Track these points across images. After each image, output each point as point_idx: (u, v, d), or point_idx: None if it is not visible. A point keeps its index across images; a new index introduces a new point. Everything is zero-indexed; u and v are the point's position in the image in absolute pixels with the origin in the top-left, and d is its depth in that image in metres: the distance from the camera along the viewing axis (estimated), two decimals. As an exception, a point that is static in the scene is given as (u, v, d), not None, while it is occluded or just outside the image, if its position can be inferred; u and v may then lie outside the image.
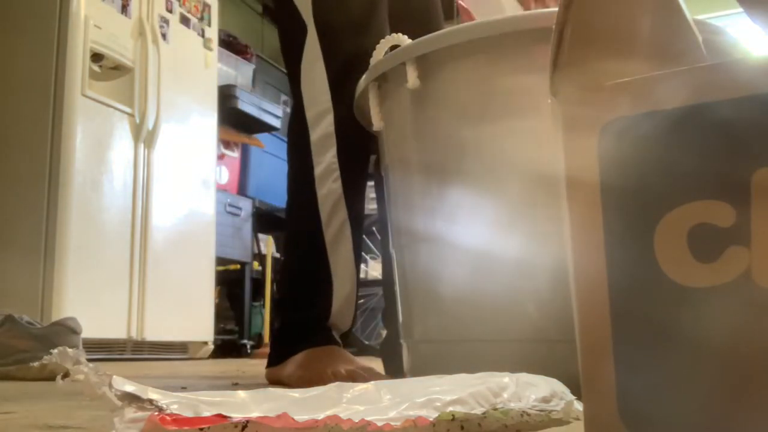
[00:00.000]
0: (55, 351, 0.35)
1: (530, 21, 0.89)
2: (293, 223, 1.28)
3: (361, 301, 3.40)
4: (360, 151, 1.22)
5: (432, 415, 0.44)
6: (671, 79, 0.30)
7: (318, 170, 1.19)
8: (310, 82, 1.21)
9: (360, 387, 0.46)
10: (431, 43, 0.94)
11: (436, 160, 0.97)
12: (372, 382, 0.48)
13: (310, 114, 1.20)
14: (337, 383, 0.47)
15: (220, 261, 3.24)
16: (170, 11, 2.84)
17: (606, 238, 0.30)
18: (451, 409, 0.45)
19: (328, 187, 1.18)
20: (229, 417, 0.37)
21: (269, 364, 1.23)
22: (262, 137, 3.86)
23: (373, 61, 1.04)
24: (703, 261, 0.28)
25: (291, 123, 1.28)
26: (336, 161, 1.18)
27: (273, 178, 3.72)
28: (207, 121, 3.02)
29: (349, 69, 1.15)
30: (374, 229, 3.03)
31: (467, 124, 0.94)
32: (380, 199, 1.32)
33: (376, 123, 1.04)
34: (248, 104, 3.61)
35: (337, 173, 1.18)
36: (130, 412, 0.35)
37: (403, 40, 1.02)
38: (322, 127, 1.19)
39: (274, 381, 1.18)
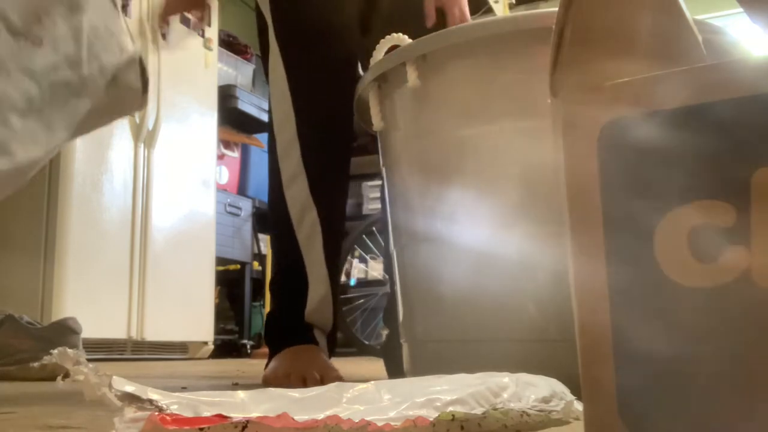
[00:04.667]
0: (55, 351, 0.35)
1: (530, 21, 0.89)
2: (272, 224, 1.30)
3: (361, 301, 3.40)
4: (329, 153, 1.22)
5: (432, 415, 0.44)
6: (671, 79, 0.30)
7: (285, 174, 1.19)
8: (274, 84, 1.21)
9: (360, 387, 0.46)
10: (431, 43, 0.94)
11: (436, 160, 0.97)
12: (372, 382, 0.48)
13: (275, 117, 1.21)
14: (336, 383, 0.47)
15: (220, 261, 3.24)
16: (170, 11, 2.84)
17: (606, 238, 0.30)
18: (451, 409, 0.45)
19: (294, 189, 1.18)
20: (229, 417, 0.37)
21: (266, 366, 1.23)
22: (262, 137, 3.86)
23: (373, 60, 1.04)
24: (703, 261, 0.28)
25: (268, 125, 1.28)
26: (301, 164, 1.18)
27: (273, 178, 3.71)
28: (207, 121, 3.02)
29: (307, 72, 1.15)
30: (374, 229, 3.02)
31: (467, 123, 0.94)
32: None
33: (376, 123, 1.04)
34: (248, 104, 3.61)
35: (303, 176, 1.18)
36: (130, 412, 0.35)
37: (404, 40, 1.02)
38: (286, 130, 1.19)
39: (266, 381, 1.18)
